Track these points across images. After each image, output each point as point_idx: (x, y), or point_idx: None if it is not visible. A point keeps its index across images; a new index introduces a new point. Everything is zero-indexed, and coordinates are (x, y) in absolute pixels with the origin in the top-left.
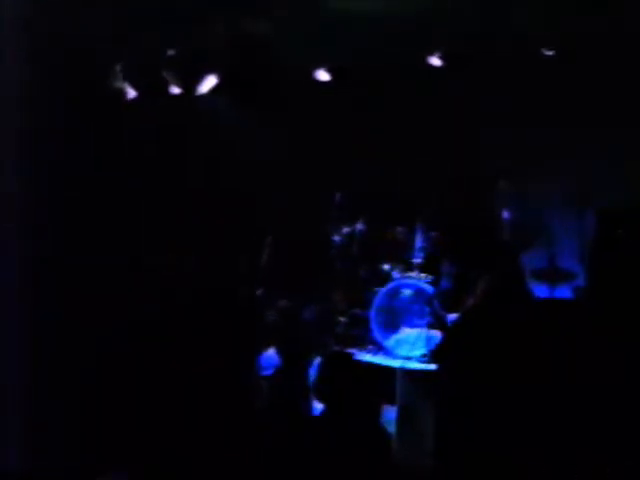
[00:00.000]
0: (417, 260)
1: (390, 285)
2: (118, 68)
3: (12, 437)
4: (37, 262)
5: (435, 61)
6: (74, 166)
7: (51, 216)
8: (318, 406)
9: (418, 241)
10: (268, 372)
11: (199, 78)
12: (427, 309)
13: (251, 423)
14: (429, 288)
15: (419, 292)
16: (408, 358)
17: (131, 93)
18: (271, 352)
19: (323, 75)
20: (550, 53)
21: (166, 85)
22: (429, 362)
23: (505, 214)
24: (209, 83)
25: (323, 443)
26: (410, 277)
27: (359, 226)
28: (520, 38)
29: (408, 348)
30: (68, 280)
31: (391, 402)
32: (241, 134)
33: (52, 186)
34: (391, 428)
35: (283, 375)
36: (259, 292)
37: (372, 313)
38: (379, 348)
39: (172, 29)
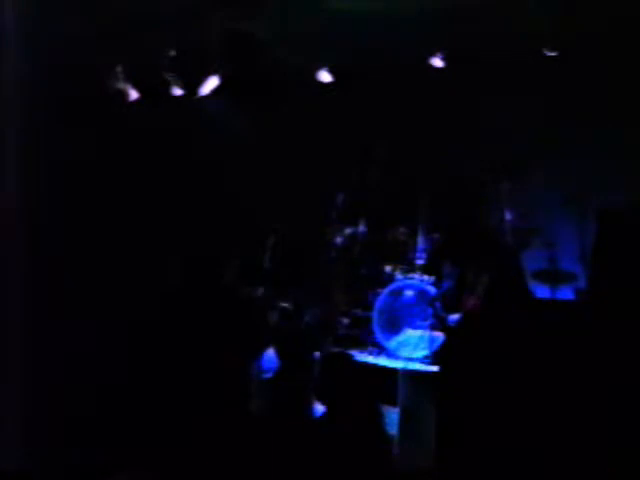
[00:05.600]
0: (419, 261)
1: (392, 286)
2: (118, 68)
3: (12, 437)
4: (37, 262)
5: (436, 61)
6: (74, 167)
7: (51, 216)
8: (319, 408)
9: (420, 242)
10: (269, 374)
11: (200, 79)
12: (429, 310)
13: (252, 424)
14: (431, 289)
15: (421, 293)
16: (410, 359)
17: (132, 94)
18: (271, 353)
19: (324, 75)
20: (550, 52)
21: (167, 86)
22: (431, 363)
23: (505, 214)
24: (210, 84)
25: (324, 444)
26: (412, 278)
27: (361, 227)
28: (520, 37)
29: (410, 349)
30: (68, 280)
31: (393, 404)
32: (241, 134)
33: (52, 186)
34: (393, 430)
35: (284, 377)
36: (260, 293)
37: (374, 314)
38: (381, 349)
39: (172, 29)
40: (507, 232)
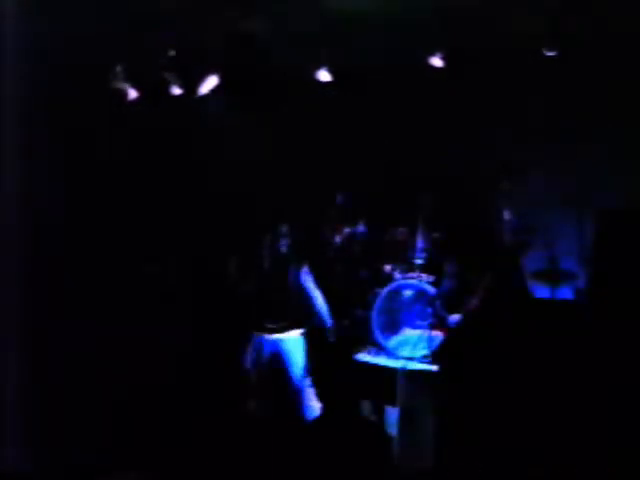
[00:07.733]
0: (418, 261)
1: (391, 286)
2: (118, 69)
3: (12, 437)
4: (37, 262)
5: (436, 61)
6: (74, 166)
7: (51, 216)
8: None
9: (419, 242)
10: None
11: (200, 79)
12: (428, 310)
13: (251, 423)
14: (430, 289)
15: (420, 293)
16: (409, 359)
17: (132, 94)
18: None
19: (324, 75)
20: (550, 52)
21: (166, 86)
22: (430, 363)
23: (505, 214)
24: (210, 83)
25: (323, 443)
26: (411, 278)
27: (360, 227)
28: (520, 37)
29: (409, 349)
30: (68, 280)
31: (392, 403)
32: (241, 134)
33: (52, 186)
34: (392, 429)
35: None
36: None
37: (373, 314)
38: (380, 349)
39: (172, 29)
40: (507, 232)
